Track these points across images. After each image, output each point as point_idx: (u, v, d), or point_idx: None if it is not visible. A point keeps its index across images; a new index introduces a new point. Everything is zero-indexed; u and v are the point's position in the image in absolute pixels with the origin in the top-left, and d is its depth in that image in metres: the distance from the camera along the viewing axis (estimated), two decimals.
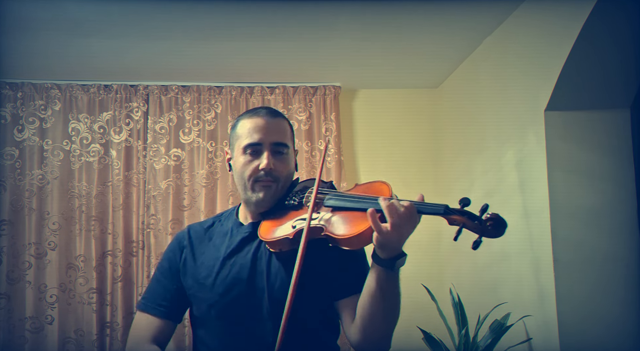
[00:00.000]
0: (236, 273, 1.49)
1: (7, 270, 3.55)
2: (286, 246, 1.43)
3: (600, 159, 2.54)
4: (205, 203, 3.73)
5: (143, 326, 1.56)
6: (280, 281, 1.45)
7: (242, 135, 1.51)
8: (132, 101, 3.79)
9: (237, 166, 1.52)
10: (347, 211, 1.38)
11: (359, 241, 1.33)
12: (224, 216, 1.65)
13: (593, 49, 2.33)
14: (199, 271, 1.53)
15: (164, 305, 1.56)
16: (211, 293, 1.49)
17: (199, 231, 1.62)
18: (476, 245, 1.23)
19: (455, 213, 1.27)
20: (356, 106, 4.05)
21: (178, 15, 2.88)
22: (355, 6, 2.80)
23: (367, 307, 1.36)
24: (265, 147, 1.49)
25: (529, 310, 2.66)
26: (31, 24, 2.92)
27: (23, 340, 3.50)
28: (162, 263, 1.62)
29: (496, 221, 1.23)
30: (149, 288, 1.62)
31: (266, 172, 1.48)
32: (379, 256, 1.31)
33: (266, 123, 1.50)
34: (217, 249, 1.54)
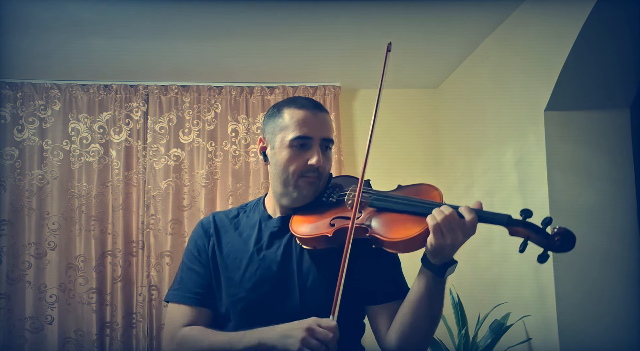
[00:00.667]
0: (265, 269, 1.42)
1: (7, 270, 3.55)
2: (322, 244, 1.38)
3: (599, 158, 2.54)
4: (205, 203, 3.73)
5: (179, 317, 1.45)
6: (312, 280, 1.41)
7: (289, 126, 1.41)
8: (132, 101, 3.79)
9: (280, 158, 1.42)
10: (394, 213, 1.33)
11: (407, 245, 1.29)
12: (249, 206, 1.57)
13: (593, 49, 2.33)
14: (226, 263, 1.46)
15: (199, 293, 1.45)
16: (238, 288, 1.42)
17: (224, 220, 1.54)
18: (543, 259, 1.22)
19: (519, 224, 1.23)
20: (356, 106, 4.05)
21: (178, 16, 2.88)
22: (355, 6, 2.80)
23: (411, 313, 1.33)
24: (315, 141, 1.41)
25: (528, 310, 2.66)
26: (31, 24, 2.92)
27: (23, 340, 3.50)
28: (189, 251, 1.52)
29: (564, 236, 1.20)
30: (179, 278, 1.50)
31: (314, 169, 1.41)
32: (430, 262, 1.28)
33: (315, 116, 1.43)
34: (245, 242, 1.47)
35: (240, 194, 3.76)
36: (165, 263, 3.65)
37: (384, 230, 1.30)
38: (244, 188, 3.78)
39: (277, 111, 1.46)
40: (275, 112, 1.46)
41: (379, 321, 1.42)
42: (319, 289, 1.39)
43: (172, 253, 3.66)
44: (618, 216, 2.50)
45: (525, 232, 1.23)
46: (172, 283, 1.52)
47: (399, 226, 1.29)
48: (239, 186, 3.78)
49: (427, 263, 1.29)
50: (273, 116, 1.46)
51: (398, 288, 1.43)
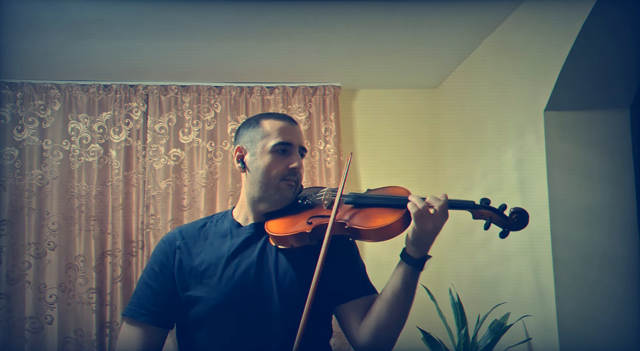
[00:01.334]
0: (242, 272, 1.46)
1: (6, 270, 3.54)
2: (299, 241, 1.44)
3: (599, 159, 2.54)
4: (204, 203, 3.73)
5: (132, 335, 1.46)
6: (289, 280, 1.45)
7: (271, 134, 1.51)
8: (132, 101, 3.79)
9: (262, 163, 1.50)
10: (370, 208, 1.45)
11: (385, 233, 1.40)
12: (216, 217, 1.62)
13: (592, 49, 2.33)
14: (200, 270, 1.47)
15: (153, 311, 1.46)
16: (216, 293, 1.44)
17: (192, 231, 1.56)
18: (504, 235, 1.41)
19: (482, 207, 1.41)
20: (356, 106, 4.05)
21: (178, 16, 2.88)
22: (355, 6, 2.80)
23: (388, 307, 1.41)
24: (294, 147, 1.53)
25: (528, 310, 2.66)
26: (31, 24, 2.92)
27: (23, 340, 3.50)
28: (150, 267, 1.52)
29: (520, 214, 1.40)
30: (136, 294, 1.51)
31: (294, 173, 1.51)
32: (410, 256, 1.40)
33: (293, 127, 1.55)
34: (218, 249, 1.50)
35: (239, 194, 3.75)
36: None
37: (362, 222, 1.42)
38: None
39: (255, 122, 1.56)
40: (253, 124, 1.55)
41: (349, 319, 1.48)
42: (297, 289, 1.43)
43: None
44: (618, 216, 2.50)
45: (487, 213, 1.41)
46: (131, 297, 1.53)
47: (376, 217, 1.42)
48: (238, 186, 3.77)
49: (406, 257, 1.41)
50: (251, 127, 1.55)
51: (365, 285, 1.52)
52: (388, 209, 1.42)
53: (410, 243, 1.39)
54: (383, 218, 1.40)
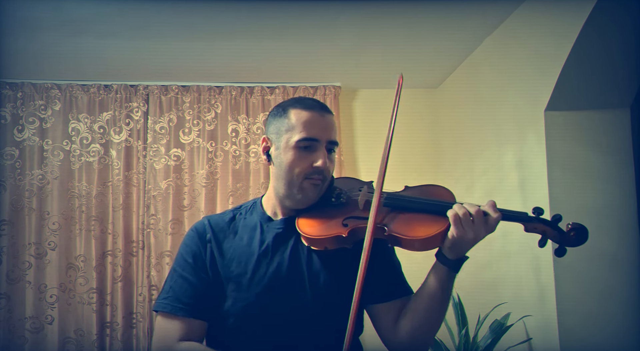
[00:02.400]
0: (275, 271, 1.38)
1: (7, 270, 3.55)
2: (335, 244, 1.36)
3: (600, 159, 2.54)
4: (205, 203, 3.73)
5: (170, 330, 1.37)
6: (323, 280, 1.39)
7: (296, 127, 1.38)
8: (132, 101, 3.79)
9: (286, 159, 1.39)
10: (410, 213, 1.35)
11: (426, 244, 1.31)
12: (244, 208, 1.52)
13: (593, 49, 2.33)
14: (230, 268, 1.40)
15: (191, 304, 1.38)
16: (247, 293, 1.37)
17: (221, 224, 1.47)
18: (560, 253, 1.31)
19: (535, 221, 1.31)
20: (356, 106, 4.05)
21: (178, 16, 2.88)
22: (355, 6, 2.80)
23: (424, 308, 1.35)
24: (321, 144, 1.39)
25: (529, 310, 2.66)
26: (31, 24, 2.92)
27: (23, 340, 3.50)
28: (182, 258, 1.43)
29: (579, 230, 1.30)
30: (170, 287, 1.41)
31: (319, 171, 1.39)
32: (446, 257, 1.31)
33: (322, 118, 1.40)
34: (248, 245, 1.42)
35: (240, 194, 3.76)
36: (166, 263, 3.65)
37: (404, 229, 1.32)
38: (244, 188, 3.78)
39: (282, 110, 1.42)
40: (280, 112, 1.43)
41: (384, 320, 1.42)
42: (331, 290, 1.37)
43: (172, 253, 3.66)
44: (618, 216, 2.50)
45: (542, 228, 1.31)
46: (161, 291, 1.44)
47: (418, 225, 1.32)
48: (239, 186, 3.78)
49: (442, 258, 1.32)
50: (278, 116, 1.43)
51: (401, 286, 1.45)
52: (431, 216, 1.32)
53: (446, 246, 1.30)
54: (426, 227, 1.31)
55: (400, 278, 1.47)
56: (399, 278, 1.47)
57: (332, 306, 1.33)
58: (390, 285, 1.44)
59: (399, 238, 1.31)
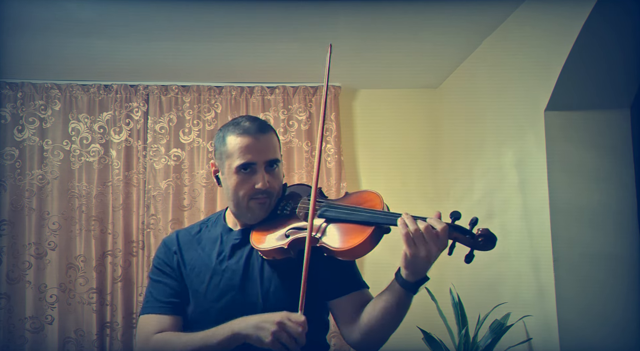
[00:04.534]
0: (228, 279, 1.50)
1: (7, 270, 3.55)
2: (280, 255, 1.46)
3: (600, 159, 2.54)
4: (205, 203, 3.73)
5: (149, 325, 1.52)
6: (274, 287, 1.49)
7: (233, 154, 1.50)
8: (132, 101, 3.79)
9: (230, 184, 1.52)
10: (341, 223, 1.42)
11: (354, 254, 1.38)
12: (211, 221, 1.66)
13: (593, 49, 2.34)
14: (191, 277, 1.54)
15: (170, 302, 1.53)
16: (204, 300, 1.51)
17: (187, 237, 1.62)
18: (469, 259, 1.30)
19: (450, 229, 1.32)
20: (356, 106, 4.05)
21: (178, 16, 2.88)
22: (355, 6, 2.80)
23: (379, 320, 1.42)
24: (259, 166, 1.50)
25: (528, 310, 2.66)
26: (31, 24, 2.92)
27: (23, 340, 3.50)
28: (155, 268, 1.60)
29: (487, 237, 1.31)
30: (149, 293, 1.58)
31: (262, 191, 1.49)
32: (405, 279, 1.35)
33: (257, 141, 1.50)
34: (208, 256, 1.55)
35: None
36: None
37: (331, 241, 1.40)
38: None
39: (222, 137, 1.54)
40: (220, 139, 1.54)
41: (339, 314, 1.52)
42: (282, 295, 1.47)
43: None
44: (618, 215, 2.50)
45: (453, 234, 1.32)
46: (143, 301, 1.59)
47: (346, 236, 1.39)
48: None
49: (400, 279, 1.36)
50: (219, 142, 1.55)
51: (353, 281, 1.54)
52: (358, 226, 1.39)
53: (403, 266, 1.35)
54: (352, 238, 1.37)
55: (351, 274, 1.54)
56: (350, 274, 1.54)
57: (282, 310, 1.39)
58: (341, 282, 1.52)
59: (329, 250, 1.39)
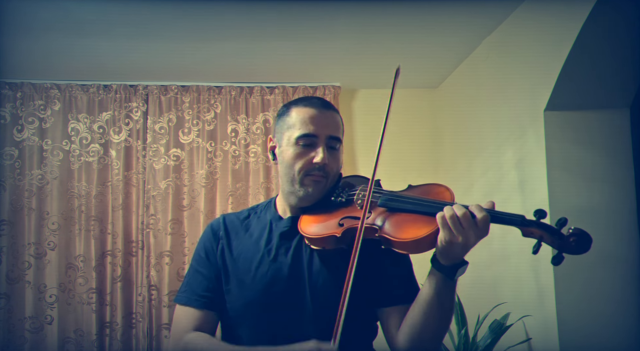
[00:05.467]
0: (276, 270, 1.41)
1: (6, 270, 3.55)
2: (331, 244, 1.36)
3: (599, 159, 2.54)
4: (204, 203, 3.73)
5: (184, 319, 1.45)
6: (322, 280, 1.40)
7: (295, 124, 1.41)
8: (132, 101, 3.79)
9: (286, 156, 1.42)
10: (404, 213, 1.32)
11: (417, 246, 1.27)
12: (260, 207, 1.57)
13: (592, 49, 2.33)
14: (237, 265, 1.45)
15: (206, 296, 1.45)
16: (250, 291, 1.41)
17: (235, 222, 1.53)
18: (557, 261, 1.19)
19: (532, 225, 1.22)
20: (356, 106, 4.05)
21: (178, 16, 2.88)
22: (355, 6, 2.80)
23: (421, 315, 1.31)
24: (320, 140, 1.41)
25: (528, 310, 2.66)
26: (31, 24, 2.92)
27: (23, 340, 3.50)
28: (197, 253, 1.52)
29: (580, 237, 1.20)
30: (187, 281, 1.50)
31: (319, 167, 1.40)
32: (440, 263, 1.26)
33: (322, 115, 1.42)
34: (256, 244, 1.47)
35: (239, 194, 3.76)
36: (165, 263, 3.65)
37: (394, 230, 1.29)
38: (244, 188, 3.78)
39: (286, 109, 1.47)
40: (284, 111, 1.47)
41: (390, 323, 1.40)
42: (330, 291, 1.36)
43: (172, 253, 3.66)
44: (618, 216, 2.50)
45: (539, 232, 1.22)
46: (181, 286, 1.52)
47: (409, 226, 1.28)
48: (238, 186, 3.78)
49: (436, 263, 1.27)
50: (282, 115, 1.47)
51: (409, 290, 1.41)
52: (424, 216, 1.27)
53: (438, 251, 1.25)
54: (416, 229, 1.26)
55: (406, 282, 1.44)
56: (405, 282, 1.44)
57: (330, 306, 1.32)
58: (393, 290, 1.41)
59: (390, 240, 1.28)
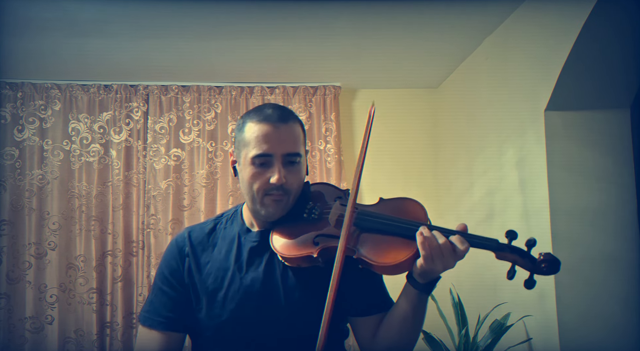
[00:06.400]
0: (248, 286, 1.38)
1: (7, 270, 3.55)
2: (307, 263, 1.34)
3: (600, 158, 2.54)
4: (205, 203, 3.73)
5: (148, 343, 1.40)
6: (298, 296, 1.37)
7: (250, 143, 1.35)
8: (132, 101, 3.79)
9: (245, 176, 1.37)
10: (380, 235, 1.31)
11: (396, 269, 1.28)
12: (225, 217, 1.51)
13: (593, 49, 2.33)
14: (206, 284, 1.40)
15: (169, 317, 1.40)
16: (221, 309, 1.37)
17: (200, 236, 1.47)
18: (530, 284, 1.23)
19: (506, 249, 1.25)
20: (356, 106, 4.05)
21: (178, 15, 2.88)
22: (355, 6, 2.80)
23: (396, 328, 1.34)
24: (276, 158, 1.34)
25: (529, 310, 2.66)
26: (31, 24, 2.92)
27: (23, 340, 3.50)
28: (161, 271, 1.46)
29: (551, 263, 1.23)
30: (151, 300, 1.45)
31: (277, 187, 1.34)
32: (417, 281, 1.28)
33: (276, 131, 1.34)
34: (225, 259, 1.42)
35: (240, 194, 3.76)
36: None
37: (373, 254, 1.28)
38: None
39: (241, 123, 1.40)
40: (239, 126, 1.40)
41: (364, 331, 1.42)
42: (306, 306, 1.36)
43: None
44: (618, 216, 2.50)
45: (512, 257, 1.25)
46: (144, 303, 1.47)
47: (388, 250, 1.28)
48: (238, 186, 3.74)
49: (413, 281, 1.29)
50: (238, 129, 1.41)
51: (383, 300, 1.43)
52: (401, 239, 1.28)
53: (417, 273, 1.27)
54: (396, 253, 1.26)
55: (379, 293, 1.44)
56: (378, 292, 1.44)
57: (308, 321, 1.32)
58: (368, 301, 1.42)
59: (369, 263, 1.28)
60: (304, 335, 1.32)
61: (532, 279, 1.23)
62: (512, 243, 1.26)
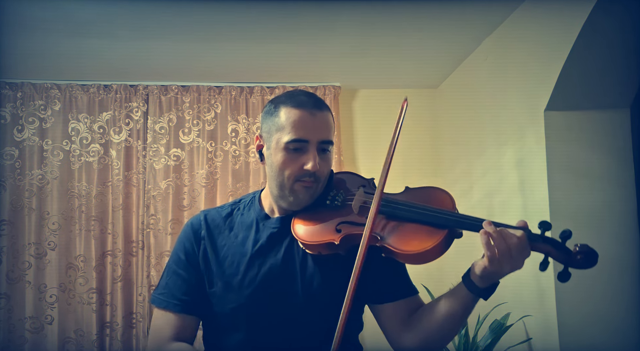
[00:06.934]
0: (266, 273, 1.35)
1: (7, 270, 3.55)
2: (328, 250, 1.32)
3: (600, 159, 2.54)
4: (205, 202, 3.73)
5: (164, 325, 1.38)
6: (316, 284, 1.35)
7: (285, 127, 1.33)
8: (132, 101, 3.79)
9: (275, 161, 1.35)
10: (406, 223, 1.28)
11: (421, 258, 1.24)
12: (243, 203, 1.49)
13: (593, 49, 2.33)
14: (223, 267, 1.38)
15: (185, 300, 1.38)
16: (238, 295, 1.35)
17: (217, 220, 1.44)
18: (564, 277, 1.18)
19: (538, 240, 1.21)
20: (356, 106, 4.05)
21: (178, 16, 2.88)
22: (355, 6, 2.80)
23: (440, 325, 1.31)
24: (311, 144, 1.33)
25: (529, 310, 2.66)
26: (31, 24, 2.92)
27: (23, 340, 3.50)
28: (176, 254, 1.44)
29: (587, 255, 1.18)
30: (165, 282, 1.42)
31: (310, 173, 1.33)
32: (475, 284, 1.25)
33: (313, 117, 1.33)
34: (242, 244, 1.40)
35: (240, 194, 3.76)
36: (165, 263, 3.65)
37: (397, 242, 1.25)
38: (244, 188, 3.78)
39: (274, 107, 1.37)
40: (271, 110, 1.38)
41: (390, 320, 1.39)
42: (325, 294, 1.34)
43: None
44: (618, 216, 2.50)
45: (545, 248, 1.21)
46: (157, 285, 1.45)
47: (413, 238, 1.25)
48: (239, 186, 3.78)
49: (471, 284, 1.25)
50: (270, 114, 1.38)
51: (407, 286, 1.42)
52: (427, 227, 1.25)
53: (477, 275, 1.23)
54: (420, 240, 1.23)
55: (402, 278, 1.43)
56: (401, 277, 1.42)
57: (325, 310, 1.31)
58: (392, 286, 1.40)
59: (393, 251, 1.25)
60: (319, 323, 1.31)
61: (567, 272, 1.19)
62: (544, 233, 1.22)
